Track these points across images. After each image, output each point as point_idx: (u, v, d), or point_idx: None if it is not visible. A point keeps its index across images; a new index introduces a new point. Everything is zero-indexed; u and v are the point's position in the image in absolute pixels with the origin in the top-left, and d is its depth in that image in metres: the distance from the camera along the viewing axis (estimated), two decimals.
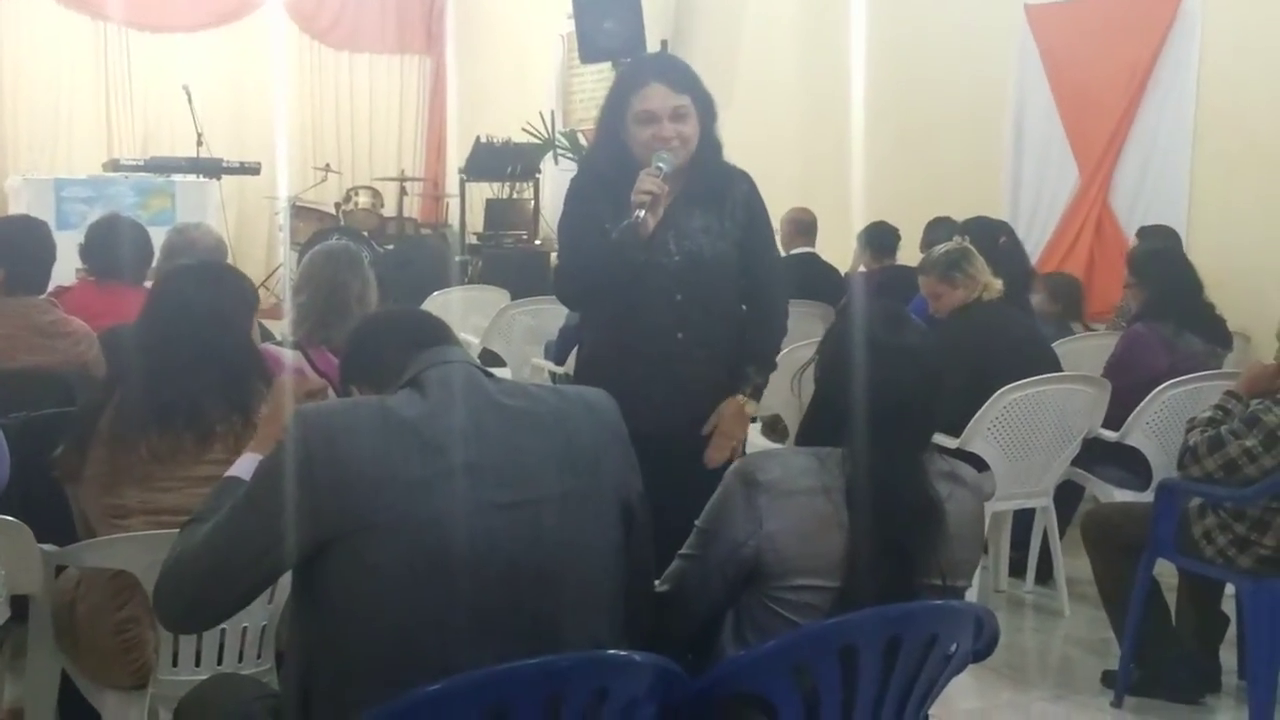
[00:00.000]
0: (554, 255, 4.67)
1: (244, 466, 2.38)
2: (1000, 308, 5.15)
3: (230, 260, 5.64)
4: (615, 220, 3.35)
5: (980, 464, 4.67)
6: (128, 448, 2.87)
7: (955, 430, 4.68)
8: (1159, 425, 5.00)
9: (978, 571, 2.68)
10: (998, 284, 5.13)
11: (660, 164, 3.32)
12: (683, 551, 2.37)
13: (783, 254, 7.56)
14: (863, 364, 2.29)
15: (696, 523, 2.35)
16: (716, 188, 3.48)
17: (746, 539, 2.23)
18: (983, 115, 8.33)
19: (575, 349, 4.06)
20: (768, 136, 9.08)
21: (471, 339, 7.13)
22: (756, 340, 3.54)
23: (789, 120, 9.76)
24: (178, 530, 2.29)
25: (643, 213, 3.27)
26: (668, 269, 3.40)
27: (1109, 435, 5.04)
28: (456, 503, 1.99)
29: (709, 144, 3.48)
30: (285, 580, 2.16)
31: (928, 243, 6.93)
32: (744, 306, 3.55)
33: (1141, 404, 4.97)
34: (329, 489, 1.97)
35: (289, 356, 3.82)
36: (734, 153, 3.59)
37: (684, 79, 3.45)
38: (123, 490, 2.87)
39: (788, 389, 2.71)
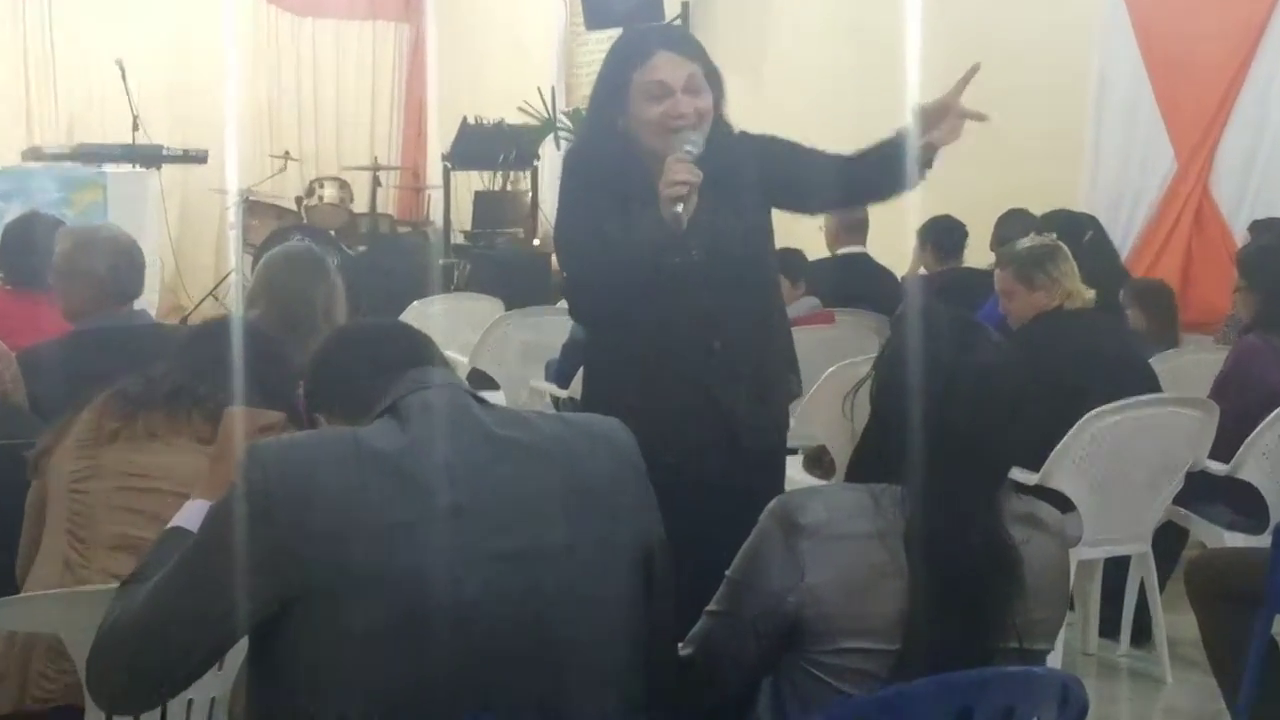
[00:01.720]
0: (555, 259, 4.67)
1: (190, 515, 2.37)
2: (1087, 316, 5.15)
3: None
4: (620, 226, 3.36)
5: (1064, 504, 4.66)
6: (123, 416, 2.98)
7: (1034, 464, 4.67)
8: (1278, 456, 4.98)
9: (1062, 632, 2.66)
10: (1088, 294, 5.14)
11: (690, 147, 3.34)
12: (711, 608, 2.37)
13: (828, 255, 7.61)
14: (927, 384, 2.29)
15: (727, 573, 2.35)
16: (730, 170, 3.49)
17: (786, 593, 2.23)
18: (1061, 87, 8.31)
19: (582, 368, 4.07)
20: (806, 116, 9.06)
21: (458, 357, 7.14)
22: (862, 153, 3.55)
23: (832, 97, 9.76)
24: (116, 590, 2.28)
25: (679, 206, 3.30)
26: (687, 269, 3.41)
27: (1217, 468, 5.02)
28: (444, 553, 2.00)
29: (720, 124, 3.50)
30: (240, 645, 2.15)
31: (999, 239, 6.93)
32: (835, 187, 3.57)
33: (1256, 430, 4.95)
34: (292, 539, 1.97)
35: None
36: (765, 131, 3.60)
37: (693, 47, 3.50)
38: (100, 451, 2.95)
39: (835, 413, 2.70)
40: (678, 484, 2.57)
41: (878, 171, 3.50)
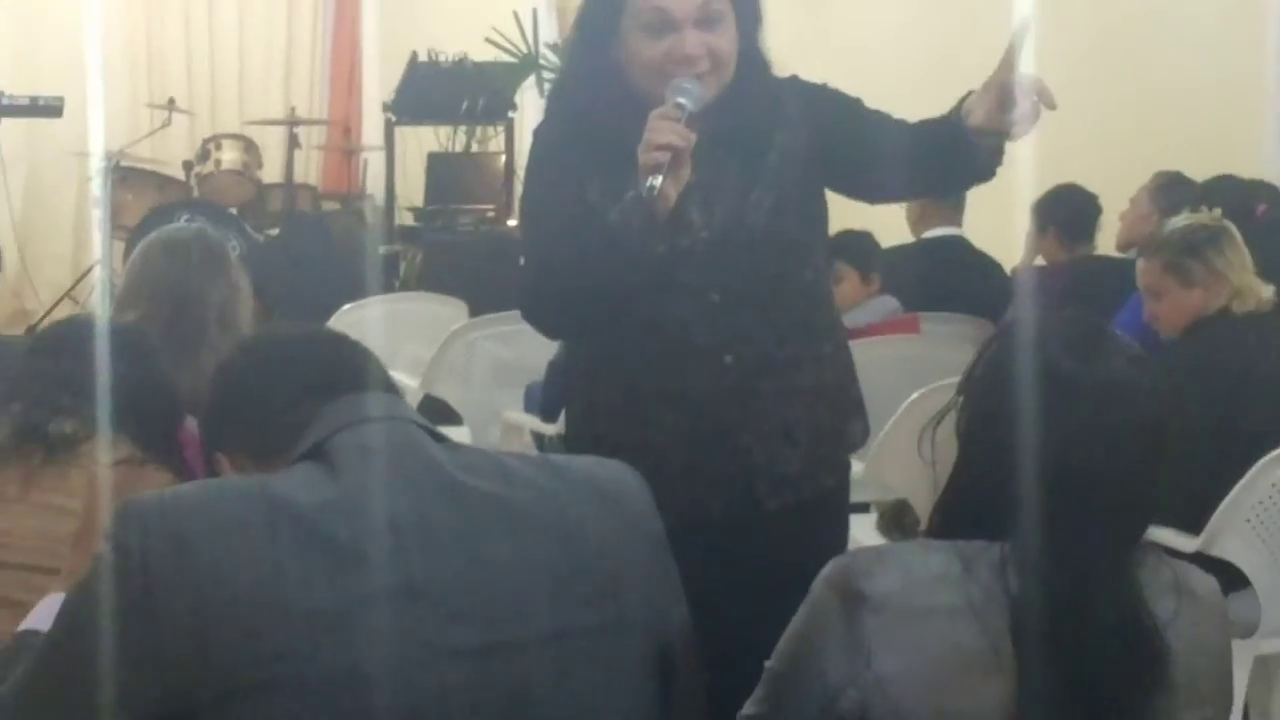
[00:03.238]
0: None
1: (45, 614, 2.37)
2: (1264, 322, 5.15)
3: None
4: (608, 195, 3.37)
5: (1234, 577, 4.67)
6: None
7: (1191, 524, 4.67)
8: None
9: None
10: (1265, 291, 5.13)
11: (681, 99, 3.31)
12: (747, 711, 2.39)
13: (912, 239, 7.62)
14: (1037, 410, 2.29)
15: (768, 663, 2.37)
16: (759, 119, 3.51)
17: (845, 685, 2.25)
18: (1231, 20, 8.33)
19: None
20: (878, 46, 9.12)
21: (407, 380, 7.16)
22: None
23: (913, 19, 9.79)
24: None
25: (659, 180, 3.25)
26: (694, 255, 3.42)
27: None
28: (389, 648, 2.02)
29: (752, 62, 3.52)
30: None
31: (1144, 218, 6.94)
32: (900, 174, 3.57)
33: None
34: (181, 630, 1.98)
35: None
36: (823, 73, 3.62)
37: None
38: None
39: (915, 456, 2.71)
40: (693, 549, 2.57)
41: (950, 155, 3.45)
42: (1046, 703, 2.23)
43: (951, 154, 3.41)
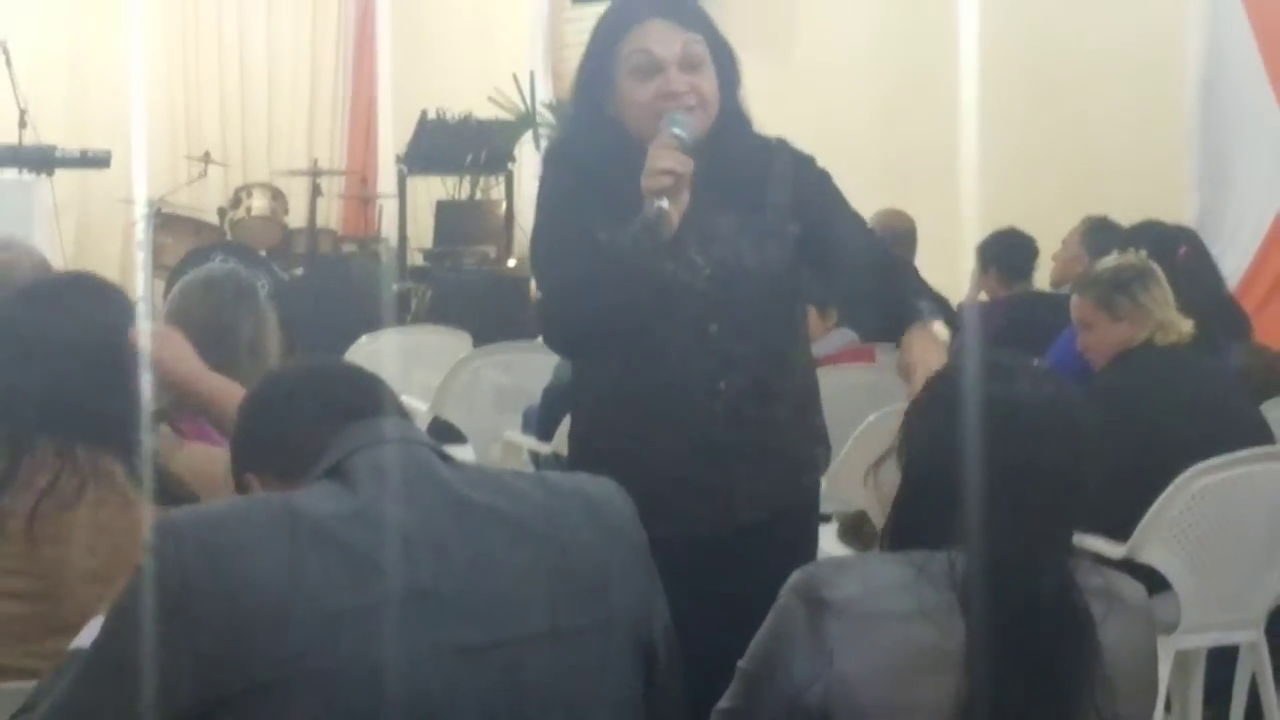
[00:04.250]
0: (534, 285, 4.68)
1: (90, 634, 2.35)
2: (1183, 353, 5.16)
3: None
4: (612, 229, 3.34)
5: (1157, 581, 4.66)
6: None
7: (1119, 533, 4.67)
8: None
9: None
10: (1184, 325, 5.14)
11: (677, 130, 3.30)
12: (721, 706, 2.39)
13: None
14: (966, 434, 2.31)
15: (740, 663, 2.36)
16: (749, 170, 3.49)
17: (810, 682, 2.25)
18: (1155, 69, 8.35)
19: (568, 418, 4.08)
20: (842, 108, 9.13)
21: (417, 404, 7.15)
22: (901, 281, 3.63)
23: (873, 85, 9.80)
24: None
25: (664, 202, 3.25)
26: (694, 290, 3.40)
27: None
28: (401, 646, 2.01)
29: (732, 113, 3.50)
30: None
31: (1076, 257, 6.94)
32: (847, 290, 3.62)
33: None
34: (215, 631, 1.98)
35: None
36: (793, 131, 3.61)
37: (694, 14, 3.48)
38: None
39: (871, 472, 2.71)
40: (676, 559, 2.57)
41: (880, 321, 3.64)
42: (996, 697, 2.23)
43: (882, 321, 3.60)
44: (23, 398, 2.82)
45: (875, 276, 3.60)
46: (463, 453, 6.48)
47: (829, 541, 5.30)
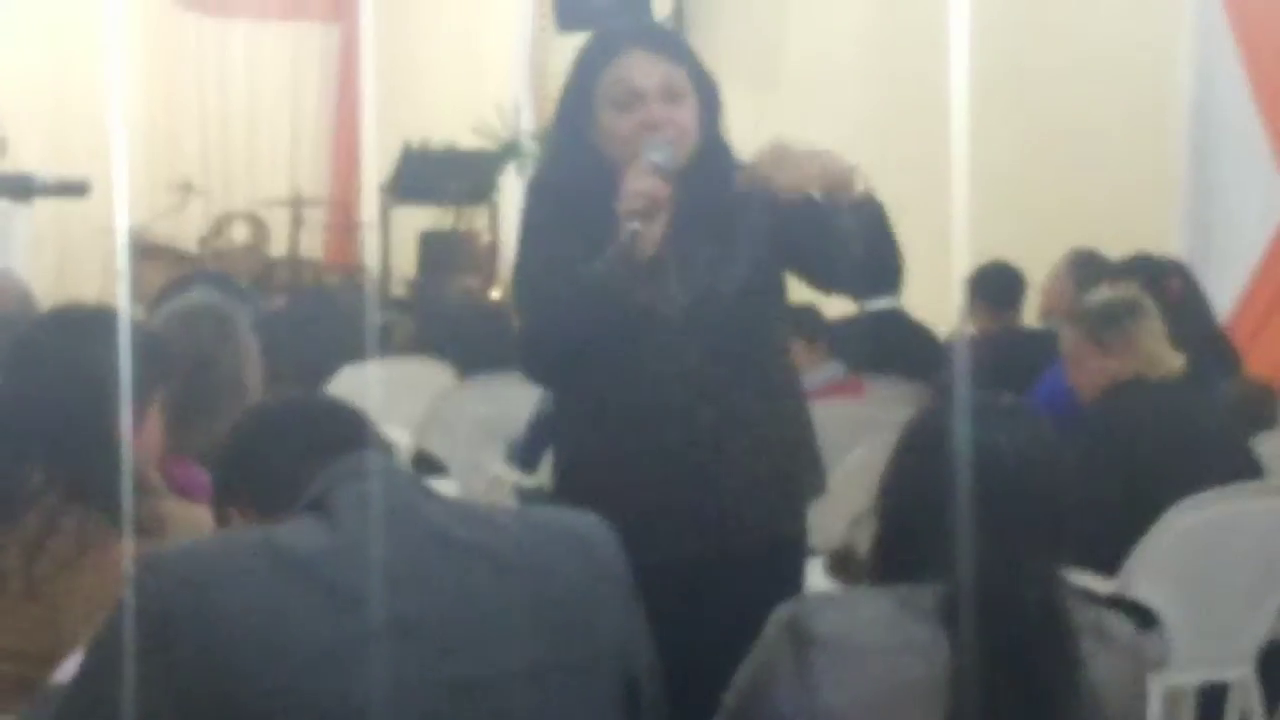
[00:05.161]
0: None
1: (70, 668, 2.35)
2: (1172, 388, 5.16)
3: None
4: (591, 259, 3.35)
5: (1145, 618, 4.67)
6: None
7: (1108, 568, 4.67)
8: None
9: None
10: (1175, 361, 5.14)
11: (655, 156, 3.33)
12: None
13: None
14: (951, 460, 2.32)
15: (725, 696, 2.37)
16: (727, 201, 3.50)
17: (794, 716, 2.26)
18: (1145, 101, 8.37)
19: (551, 450, 4.08)
20: (826, 137, 9.12)
21: (400, 435, 7.15)
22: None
23: (858, 113, 9.82)
24: None
25: (637, 224, 3.27)
26: (672, 320, 3.42)
27: None
28: (382, 681, 2.01)
29: (713, 144, 3.52)
30: None
31: (1064, 290, 6.95)
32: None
33: None
34: (196, 665, 1.98)
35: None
36: None
37: (674, 46, 3.52)
38: None
39: (863, 505, 2.71)
40: (662, 587, 2.58)
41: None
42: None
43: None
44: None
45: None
46: (445, 485, 6.47)
47: (816, 576, 5.29)
